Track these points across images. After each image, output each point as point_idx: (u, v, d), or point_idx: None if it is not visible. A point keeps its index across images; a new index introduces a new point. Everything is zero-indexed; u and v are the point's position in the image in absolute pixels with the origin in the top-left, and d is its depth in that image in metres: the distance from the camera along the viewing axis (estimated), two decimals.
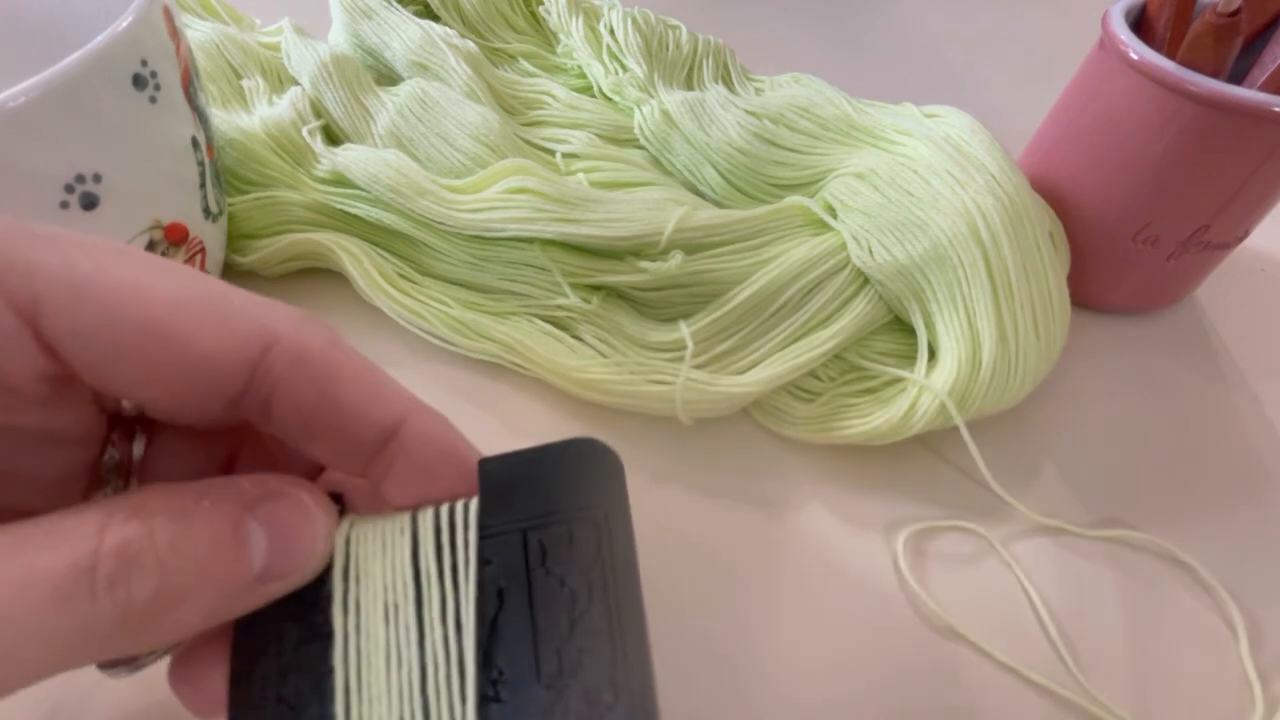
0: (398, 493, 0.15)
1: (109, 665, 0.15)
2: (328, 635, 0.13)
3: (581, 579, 0.13)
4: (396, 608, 0.13)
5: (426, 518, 0.14)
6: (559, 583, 0.13)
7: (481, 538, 0.14)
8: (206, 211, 0.28)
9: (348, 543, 0.14)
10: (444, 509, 0.14)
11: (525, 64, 0.40)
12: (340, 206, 0.32)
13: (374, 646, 0.13)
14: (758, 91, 0.38)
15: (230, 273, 0.32)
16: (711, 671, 0.23)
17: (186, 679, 0.14)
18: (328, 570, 0.14)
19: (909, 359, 0.28)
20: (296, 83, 0.36)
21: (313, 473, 0.17)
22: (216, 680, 0.14)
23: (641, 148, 0.36)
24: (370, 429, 0.14)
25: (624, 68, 0.37)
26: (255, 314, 0.13)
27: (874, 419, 0.27)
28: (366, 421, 0.14)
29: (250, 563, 0.12)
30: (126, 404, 0.15)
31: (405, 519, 0.14)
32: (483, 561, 0.14)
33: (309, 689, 0.13)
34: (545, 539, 0.14)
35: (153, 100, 0.24)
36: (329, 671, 0.13)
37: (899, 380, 0.28)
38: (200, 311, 0.12)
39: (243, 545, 0.12)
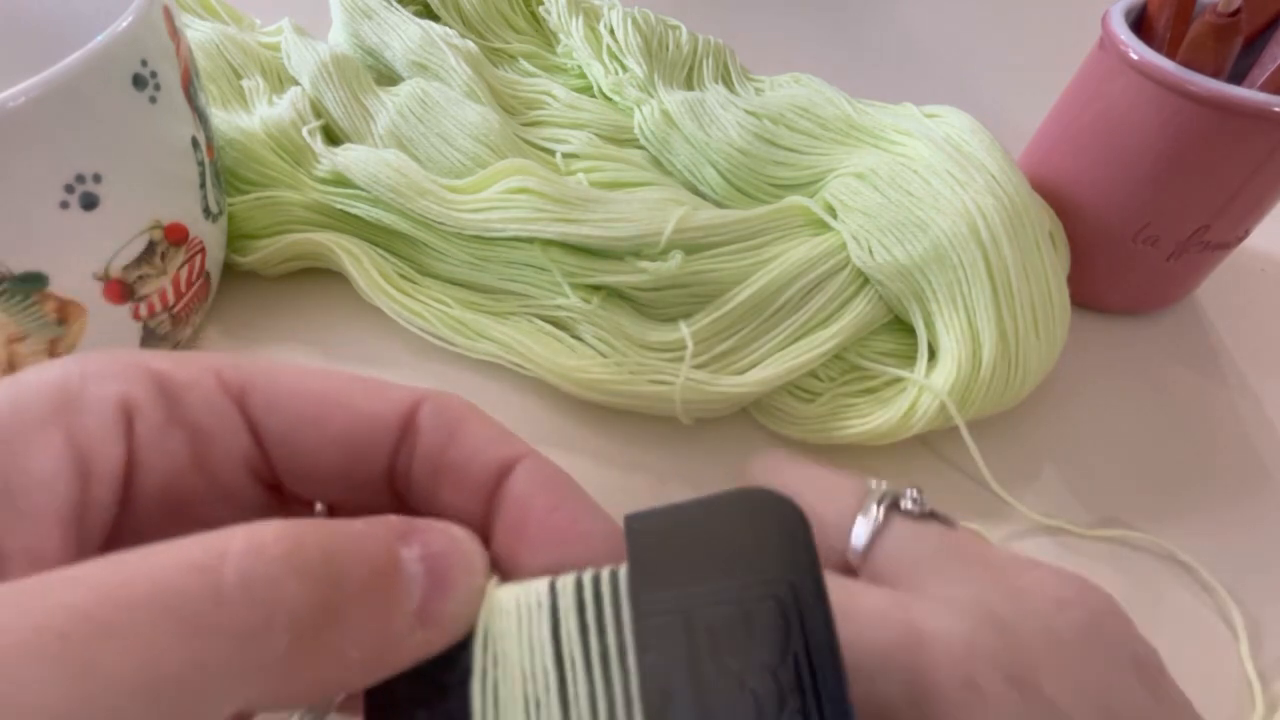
0: (502, 542, 0.14)
1: None
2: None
3: (766, 677, 0.10)
4: (538, 703, 0.11)
5: (566, 588, 0.12)
6: (737, 683, 0.10)
7: (635, 618, 0.11)
8: (206, 211, 0.28)
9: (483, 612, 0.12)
10: (586, 577, 0.12)
11: (525, 64, 0.40)
12: (340, 206, 0.32)
13: None
14: (758, 91, 0.38)
15: (230, 273, 0.32)
16: None
17: None
18: (462, 648, 0.12)
19: (909, 359, 0.28)
20: (296, 83, 0.36)
21: None
22: None
23: (641, 148, 0.36)
24: (487, 465, 0.14)
25: (624, 68, 0.37)
26: (408, 388, 0.15)
27: (874, 419, 0.27)
28: (484, 458, 0.14)
29: (409, 595, 0.11)
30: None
31: (542, 588, 0.12)
32: (639, 649, 0.11)
33: None
34: (715, 622, 0.11)
35: (153, 100, 0.24)
36: None
37: (899, 380, 0.28)
38: (363, 386, 0.14)
39: (400, 570, 0.11)
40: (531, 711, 0.11)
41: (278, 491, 0.15)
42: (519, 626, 0.12)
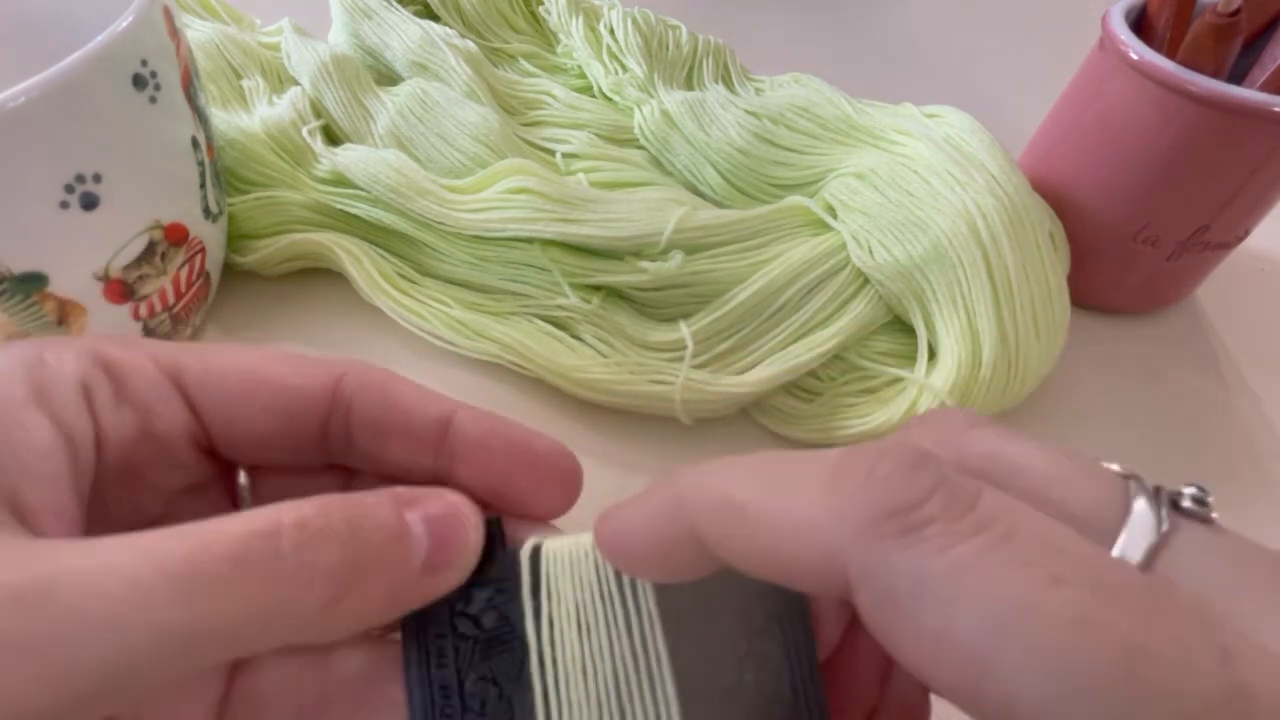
0: (468, 475, 0.17)
1: None
2: (514, 646, 0.15)
3: (752, 600, 0.15)
4: (588, 625, 0.15)
5: None
6: (728, 601, 0.15)
7: None
8: (206, 211, 0.28)
9: (539, 560, 0.16)
10: None
11: (525, 64, 0.40)
12: (340, 206, 0.32)
13: (571, 659, 0.15)
14: (758, 91, 0.38)
15: (230, 273, 0.32)
16: None
17: None
18: (510, 585, 0.15)
19: (909, 359, 0.28)
20: (296, 83, 0.36)
21: None
22: None
23: (641, 148, 0.36)
24: (427, 422, 0.16)
25: (624, 68, 0.37)
26: (328, 360, 0.17)
27: (874, 419, 0.27)
28: (423, 416, 0.16)
29: (416, 551, 0.14)
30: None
31: (586, 541, 0.16)
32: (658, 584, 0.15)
33: (495, 697, 0.15)
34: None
35: (153, 100, 0.24)
36: (521, 680, 0.15)
37: (899, 380, 0.28)
38: (286, 361, 0.17)
39: (407, 534, 0.14)
40: (584, 630, 0.15)
41: (217, 458, 0.17)
42: (570, 570, 0.15)
